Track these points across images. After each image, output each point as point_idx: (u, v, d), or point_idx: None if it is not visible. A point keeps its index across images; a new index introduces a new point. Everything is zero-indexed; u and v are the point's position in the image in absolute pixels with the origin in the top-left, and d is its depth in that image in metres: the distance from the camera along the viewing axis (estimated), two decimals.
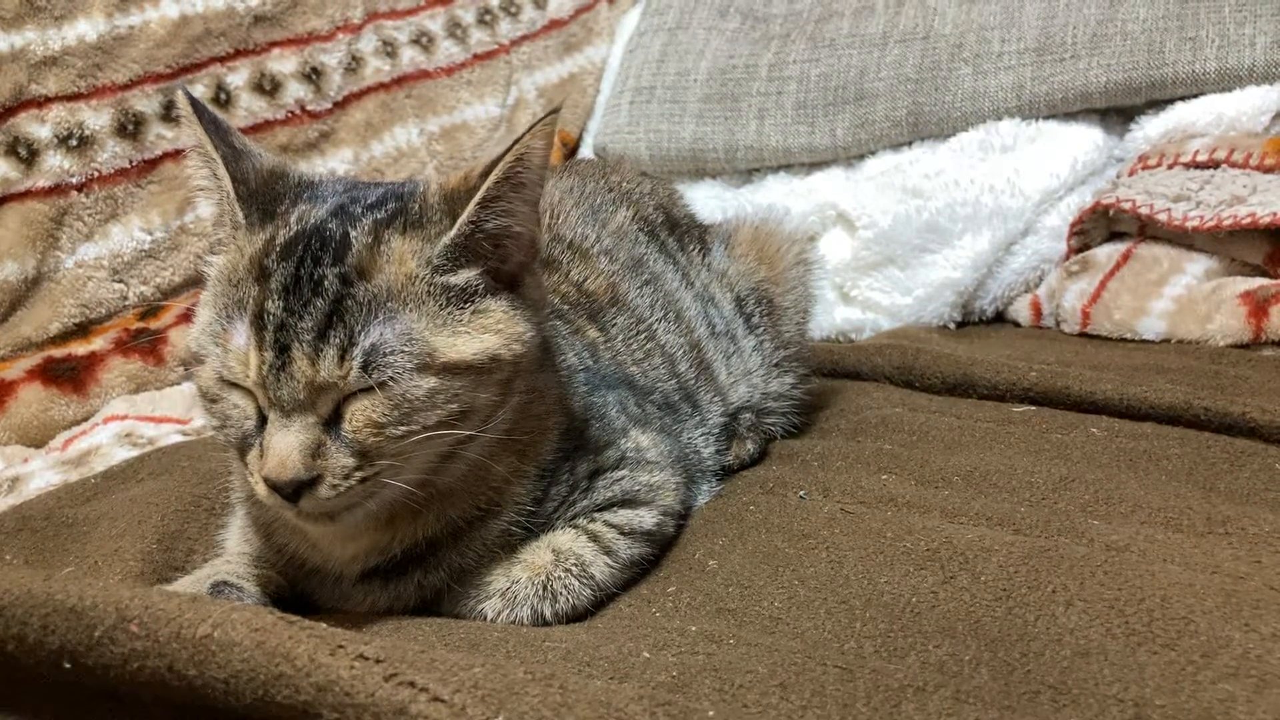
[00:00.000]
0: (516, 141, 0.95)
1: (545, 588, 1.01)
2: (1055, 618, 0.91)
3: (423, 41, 2.40)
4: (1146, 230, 1.93)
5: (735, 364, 1.44)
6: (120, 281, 1.88)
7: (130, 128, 1.90)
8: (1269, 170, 1.80)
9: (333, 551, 1.03)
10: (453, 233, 0.95)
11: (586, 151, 2.67)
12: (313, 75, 2.16)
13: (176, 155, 1.93)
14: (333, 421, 0.91)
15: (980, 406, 1.54)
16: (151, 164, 1.93)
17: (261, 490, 0.92)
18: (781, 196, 2.31)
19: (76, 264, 1.84)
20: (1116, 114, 2.14)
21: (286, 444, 0.89)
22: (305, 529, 0.99)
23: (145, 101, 1.92)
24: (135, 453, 1.55)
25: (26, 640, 0.72)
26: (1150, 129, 2.04)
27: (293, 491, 0.90)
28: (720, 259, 1.53)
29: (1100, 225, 2.01)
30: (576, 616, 1.02)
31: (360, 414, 0.90)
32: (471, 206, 0.95)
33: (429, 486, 0.98)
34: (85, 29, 1.87)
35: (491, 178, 0.95)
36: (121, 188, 1.89)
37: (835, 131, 2.32)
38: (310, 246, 0.93)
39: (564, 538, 1.05)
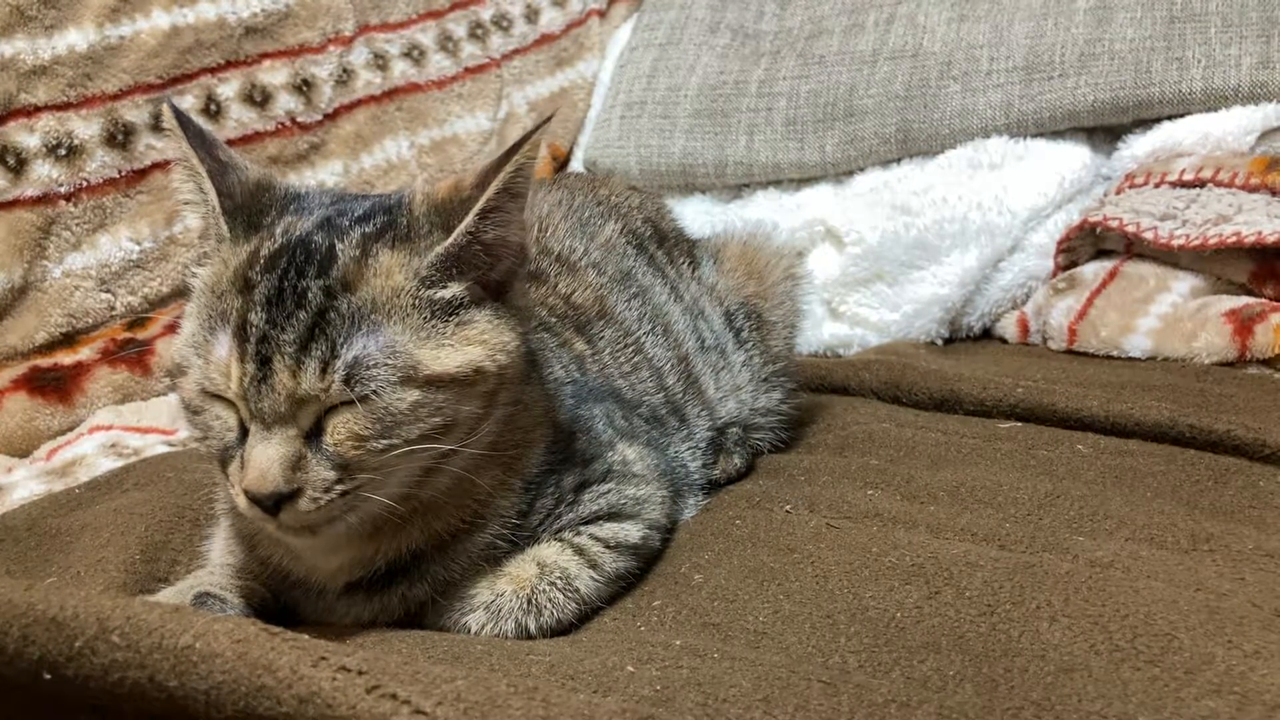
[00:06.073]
0: (514, 150, 0.95)
1: (530, 601, 1.00)
2: (1039, 634, 0.91)
3: (414, 54, 2.41)
4: (1133, 248, 1.94)
5: (724, 379, 1.44)
6: (108, 291, 1.87)
7: (120, 138, 1.89)
8: (1254, 190, 1.81)
9: (316, 564, 1.03)
10: (448, 243, 0.95)
11: (577, 165, 2.67)
12: (303, 87, 2.16)
13: (166, 166, 1.91)
14: (314, 434, 0.91)
15: (966, 422, 1.54)
16: (141, 174, 1.92)
17: (242, 502, 0.92)
18: (770, 212, 2.32)
19: (64, 273, 1.83)
20: (1104, 133, 2.15)
21: (267, 456, 0.89)
22: (287, 541, 0.99)
23: (135, 112, 1.92)
24: (120, 463, 1.54)
25: (5, 650, 0.72)
26: (1137, 148, 2.05)
27: (273, 504, 0.90)
28: (710, 273, 1.53)
29: (1087, 243, 2.02)
30: (561, 630, 1.02)
31: (342, 427, 0.90)
32: (470, 218, 0.95)
33: (412, 500, 0.97)
34: (76, 39, 1.87)
35: (492, 187, 0.95)
36: (110, 198, 1.89)
37: (825, 148, 2.33)
38: (295, 259, 0.93)
39: (549, 551, 1.05)
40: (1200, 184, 1.88)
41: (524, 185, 0.96)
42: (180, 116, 1.01)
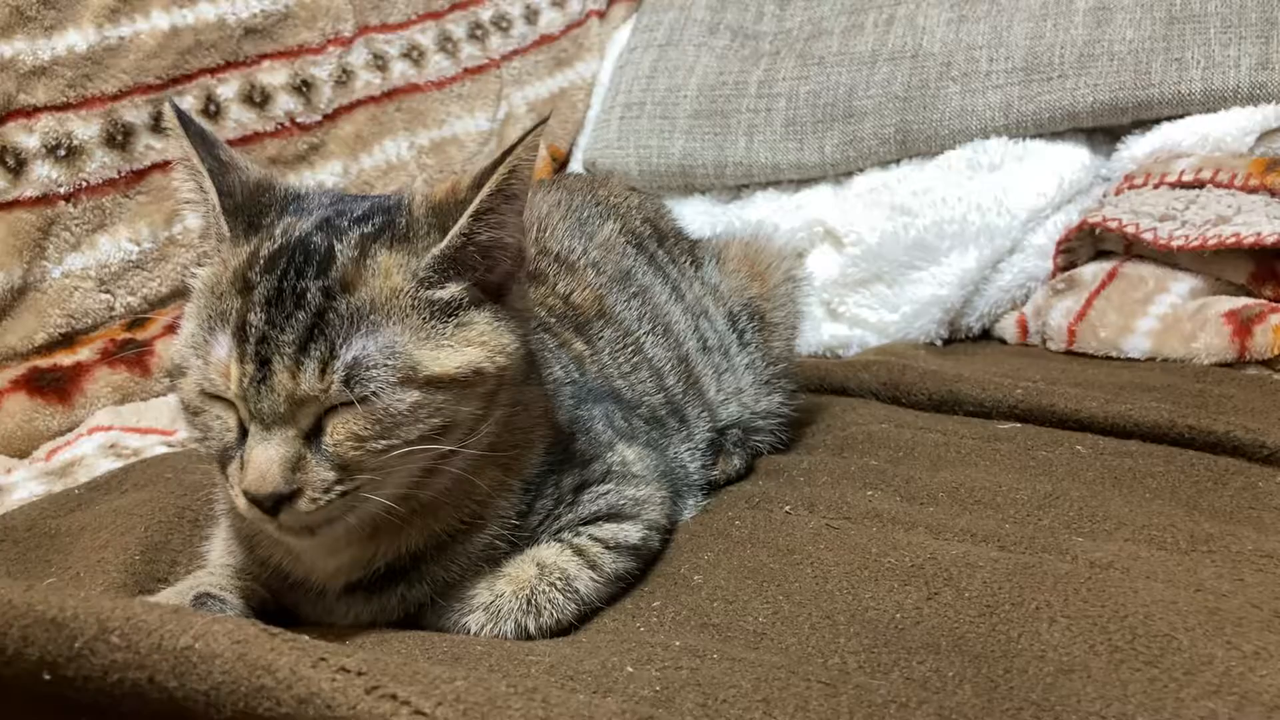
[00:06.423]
0: (509, 153, 0.95)
1: (529, 602, 1.00)
2: (1039, 634, 0.91)
3: (413, 55, 2.41)
4: (1132, 249, 1.94)
5: (727, 381, 1.44)
6: (107, 292, 1.87)
7: (119, 138, 1.89)
8: (1253, 191, 1.81)
9: (315, 565, 1.02)
10: (443, 245, 0.95)
11: (576, 166, 2.67)
12: (303, 88, 2.16)
13: (165, 166, 1.91)
14: (314, 435, 0.91)
15: (966, 423, 1.54)
16: (140, 175, 1.92)
17: (241, 503, 0.92)
18: (770, 213, 2.32)
19: (63, 274, 1.83)
20: (1103, 133, 2.15)
21: (266, 457, 0.89)
22: (286, 542, 0.99)
23: (134, 112, 1.92)
24: (120, 464, 1.54)
25: (5, 651, 0.72)
26: (1136, 149, 2.06)
27: (272, 505, 0.90)
28: (713, 274, 1.53)
29: (1086, 244, 2.03)
30: (560, 631, 1.02)
31: (341, 427, 0.90)
32: (464, 219, 0.95)
33: (411, 500, 0.97)
34: (75, 39, 1.87)
35: (485, 190, 0.95)
36: (109, 198, 1.89)
37: (824, 148, 2.33)
38: (294, 259, 0.93)
39: (548, 551, 1.05)
40: (1199, 185, 1.88)
41: (519, 187, 0.96)
42: (181, 116, 1.01)
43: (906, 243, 2.08)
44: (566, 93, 2.72)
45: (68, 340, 1.83)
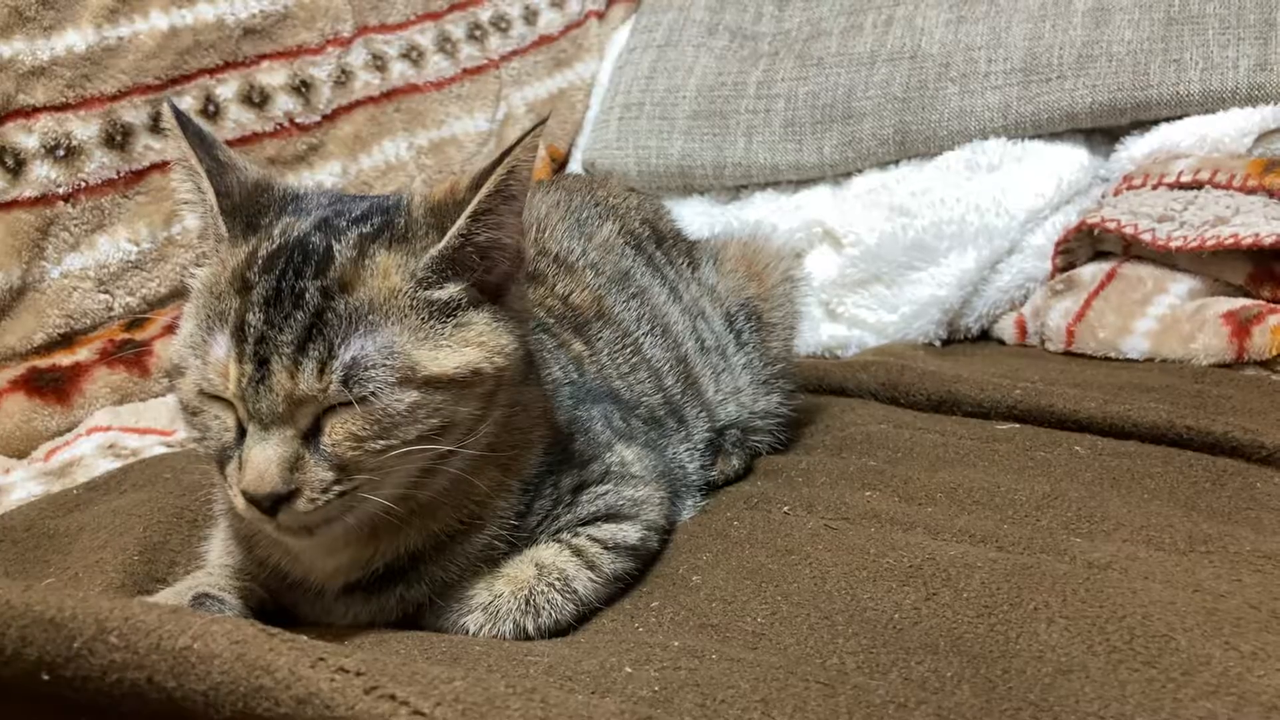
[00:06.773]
0: (507, 153, 0.95)
1: (528, 602, 1.00)
2: (1037, 635, 0.91)
3: (412, 56, 2.41)
4: (1131, 250, 1.94)
5: (725, 381, 1.44)
6: (106, 292, 1.87)
7: (118, 139, 1.89)
8: (1251, 191, 1.81)
9: (314, 565, 1.02)
10: (441, 245, 0.95)
11: (575, 167, 2.68)
12: (302, 88, 2.16)
13: (164, 167, 1.92)
14: (312, 435, 0.91)
15: (964, 424, 1.54)
16: (139, 175, 1.92)
17: (240, 503, 0.92)
18: (769, 214, 2.32)
19: (62, 274, 1.83)
20: (1102, 134, 2.16)
21: (264, 457, 0.89)
22: (285, 542, 0.99)
23: (133, 113, 1.92)
24: (118, 464, 1.54)
25: (4, 652, 0.72)
26: (1135, 149, 2.06)
27: (270, 505, 0.90)
28: (710, 274, 1.53)
29: (1085, 244, 2.03)
30: (559, 631, 1.02)
31: (340, 427, 0.90)
32: (462, 220, 0.95)
33: (410, 501, 0.97)
34: (74, 40, 1.87)
35: (483, 190, 0.95)
36: (108, 199, 1.89)
37: (823, 149, 2.33)
38: (293, 259, 0.93)
39: (547, 552, 1.05)
40: (1198, 186, 1.88)
41: (518, 188, 0.96)
42: (180, 116, 1.01)
43: (905, 243, 2.08)
44: (565, 93, 2.72)
45: (66, 340, 1.83)
